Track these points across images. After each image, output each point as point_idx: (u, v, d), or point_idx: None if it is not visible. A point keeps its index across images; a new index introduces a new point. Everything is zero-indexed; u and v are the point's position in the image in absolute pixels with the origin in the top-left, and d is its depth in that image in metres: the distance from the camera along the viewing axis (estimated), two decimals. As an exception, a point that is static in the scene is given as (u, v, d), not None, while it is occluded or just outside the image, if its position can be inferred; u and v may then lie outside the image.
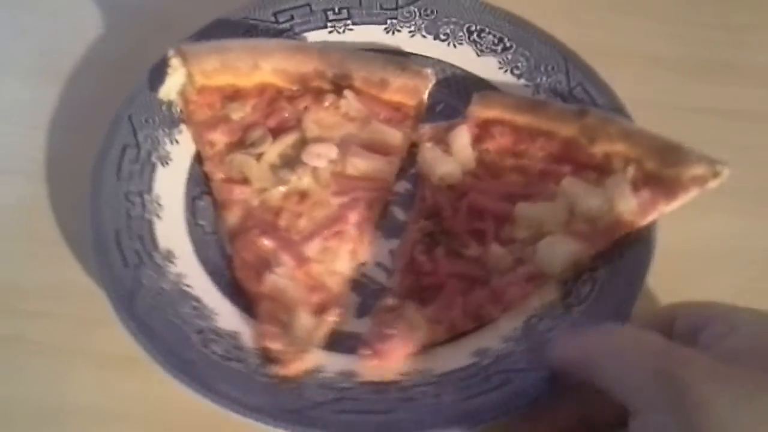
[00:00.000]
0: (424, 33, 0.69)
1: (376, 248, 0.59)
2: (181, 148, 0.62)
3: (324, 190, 0.60)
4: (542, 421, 0.48)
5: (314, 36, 0.69)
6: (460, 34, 0.69)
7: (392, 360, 0.52)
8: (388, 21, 0.69)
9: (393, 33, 0.69)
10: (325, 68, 0.65)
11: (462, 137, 0.62)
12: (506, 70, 0.67)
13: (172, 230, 0.58)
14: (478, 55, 0.68)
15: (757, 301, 0.44)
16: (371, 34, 0.69)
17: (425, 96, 0.65)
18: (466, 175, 0.60)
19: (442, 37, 0.69)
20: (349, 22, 0.69)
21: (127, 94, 0.62)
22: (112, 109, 0.61)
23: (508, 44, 0.68)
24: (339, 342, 0.54)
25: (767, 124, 0.70)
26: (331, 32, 0.69)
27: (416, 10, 0.69)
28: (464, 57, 0.68)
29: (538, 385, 0.49)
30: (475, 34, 0.69)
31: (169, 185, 0.60)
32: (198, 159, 0.62)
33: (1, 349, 0.56)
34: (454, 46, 0.69)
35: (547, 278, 0.55)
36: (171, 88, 0.62)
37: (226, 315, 0.54)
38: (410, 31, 0.69)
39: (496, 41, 0.68)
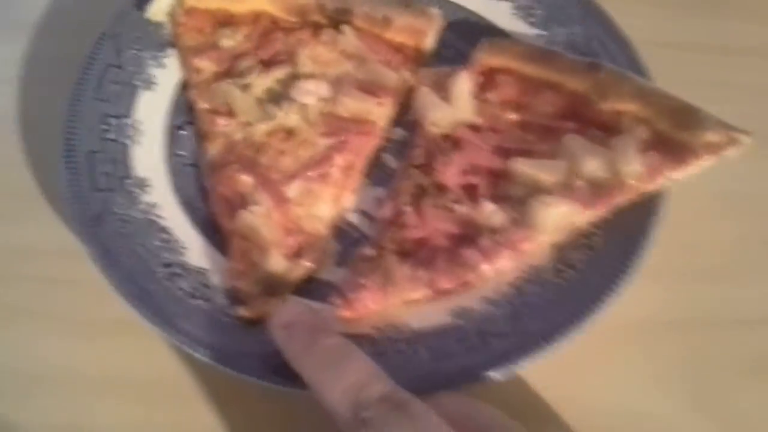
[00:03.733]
0: (435, -29, 0.65)
1: (362, 195, 0.56)
2: (168, 73, 0.59)
3: (311, 130, 0.57)
4: None
5: (317, -34, 0.64)
6: (474, -26, 0.64)
7: (363, 311, 0.49)
8: (399, -45, 0.64)
9: (402, -32, 0.64)
10: (326, 1, 0.61)
11: (462, 83, 0.57)
12: (520, 17, 0.63)
13: (149, 158, 0.55)
14: (493, -1, 0.64)
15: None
16: (378, -32, 0.64)
17: (430, 38, 0.61)
18: (463, 126, 0.57)
19: (455, -24, 0.64)
20: (355, -47, 0.64)
21: (114, 12, 0.59)
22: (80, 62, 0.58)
23: (524, -11, 0.63)
24: (315, 289, 0.51)
25: (754, 59, 0.66)
26: (335, -37, 0.64)
27: (430, -56, 0.65)
28: (477, 0, 0.64)
29: (517, 352, 0.46)
30: (490, -25, 0.64)
31: (151, 110, 0.57)
32: (184, 86, 0.59)
33: None
34: (467, -14, 0.64)
35: (539, 241, 0.51)
36: (160, 8, 0.59)
37: (197, 250, 0.51)
38: (421, -32, 0.65)
39: (512, -15, 0.63)
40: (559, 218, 0.51)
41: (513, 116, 0.57)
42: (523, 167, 0.53)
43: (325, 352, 0.43)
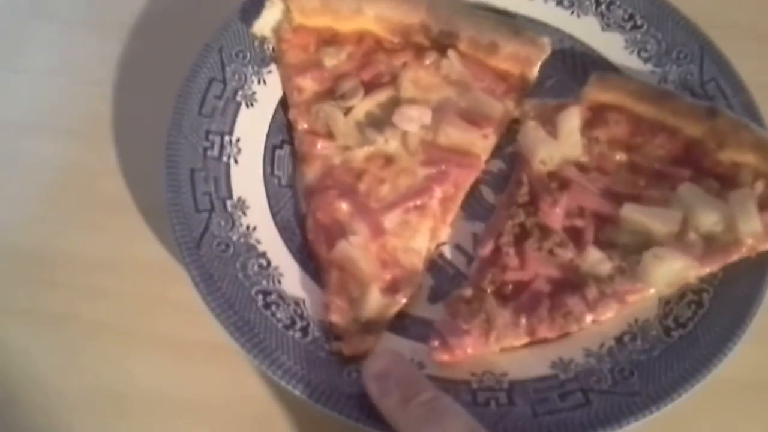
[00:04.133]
0: (547, -5, 0.62)
1: (457, 229, 0.54)
2: (268, 90, 0.58)
3: (411, 158, 0.55)
4: None
5: (425, -15, 0.62)
6: (587, 3, 0.62)
7: (463, 357, 0.47)
8: (509, -22, 0.63)
9: (513, -9, 0.63)
10: (432, 23, 0.59)
11: (571, 120, 0.55)
12: (632, 51, 0.60)
13: (247, 177, 0.54)
14: (603, 30, 0.61)
15: None
16: (488, -10, 0.63)
17: (536, 68, 0.58)
18: (570, 164, 0.55)
19: (566, 3, 0.62)
20: (465, -26, 0.63)
21: (219, 24, 0.58)
22: (179, 66, 0.56)
23: (639, 22, 0.61)
24: (407, 327, 0.50)
25: None
26: (444, -17, 0.63)
27: (542, -31, 0.63)
28: (587, 30, 0.61)
29: (622, 413, 0.44)
30: (603, 6, 0.62)
31: (251, 128, 0.56)
32: (284, 104, 0.58)
33: (55, 328, 0.52)
34: (578, 15, 0.62)
35: (647, 294, 0.49)
36: (266, 22, 0.58)
37: (293, 279, 0.50)
38: (532, -8, 0.63)
39: (626, 17, 0.61)
40: (671, 273, 0.49)
41: (622, 157, 0.55)
42: (635, 214, 0.51)
43: (423, 407, 0.42)
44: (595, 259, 0.50)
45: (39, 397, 0.50)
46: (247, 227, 0.52)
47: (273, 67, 0.58)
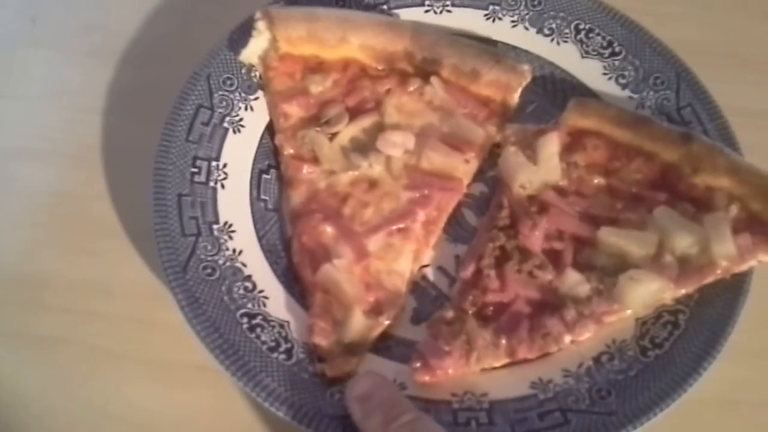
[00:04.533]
0: (527, 25, 0.64)
1: (440, 251, 0.56)
2: (255, 116, 0.59)
3: (395, 182, 0.56)
4: None
5: (408, 13, 0.64)
6: (566, 31, 0.64)
7: (444, 377, 0.48)
8: (491, 6, 0.64)
9: (494, 20, 0.64)
10: (416, 50, 0.61)
11: (551, 145, 0.57)
12: (611, 78, 0.62)
13: (234, 202, 0.55)
14: (582, 57, 0.63)
15: None
16: (470, 18, 0.64)
17: (517, 94, 0.60)
18: (549, 188, 0.56)
19: (546, 31, 0.64)
20: (448, 2, 0.64)
21: (207, 53, 0.60)
22: (170, 93, 0.57)
23: (617, 49, 0.62)
24: (390, 348, 0.51)
25: None
26: (427, 11, 0.65)
27: (523, -3, 0.65)
28: (566, 57, 0.63)
29: (597, 430, 0.45)
30: (582, 33, 0.63)
31: (238, 154, 0.57)
32: (270, 130, 0.59)
33: (46, 351, 0.52)
34: (558, 43, 0.63)
35: (624, 315, 0.50)
36: (253, 51, 0.60)
37: (278, 301, 0.51)
38: (512, 21, 0.64)
39: (604, 44, 0.63)
40: (647, 295, 0.50)
41: (600, 181, 0.56)
42: (611, 237, 0.52)
43: (404, 428, 0.43)
44: (574, 281, 0.51)
45: (28, 418, 0.50)
46: (233, 251, 0.53)
47: (260, 94, 0.60)
